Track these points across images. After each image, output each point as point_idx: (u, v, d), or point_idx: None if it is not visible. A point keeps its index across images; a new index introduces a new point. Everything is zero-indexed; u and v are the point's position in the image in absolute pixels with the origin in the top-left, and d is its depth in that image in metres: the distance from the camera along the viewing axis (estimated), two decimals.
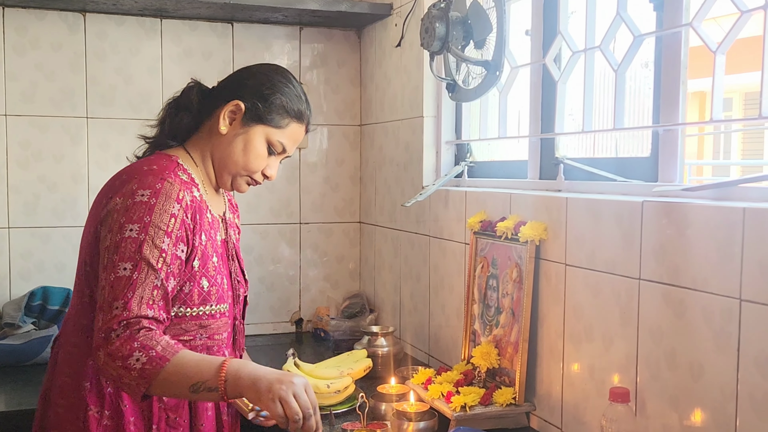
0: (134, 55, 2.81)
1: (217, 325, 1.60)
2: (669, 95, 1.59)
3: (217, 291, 1.57)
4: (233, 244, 1.70)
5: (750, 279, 1.29)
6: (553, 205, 1.84)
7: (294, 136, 1.64)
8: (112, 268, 1.40)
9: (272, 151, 1.62)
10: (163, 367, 1.35)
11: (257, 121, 1.58)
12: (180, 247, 1.48)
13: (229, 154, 1.60)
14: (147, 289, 1.40)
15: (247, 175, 1.63)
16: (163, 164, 1.53)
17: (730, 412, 1.33)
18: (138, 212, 1.43)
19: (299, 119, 1.63)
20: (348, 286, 3.17)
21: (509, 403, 1.87)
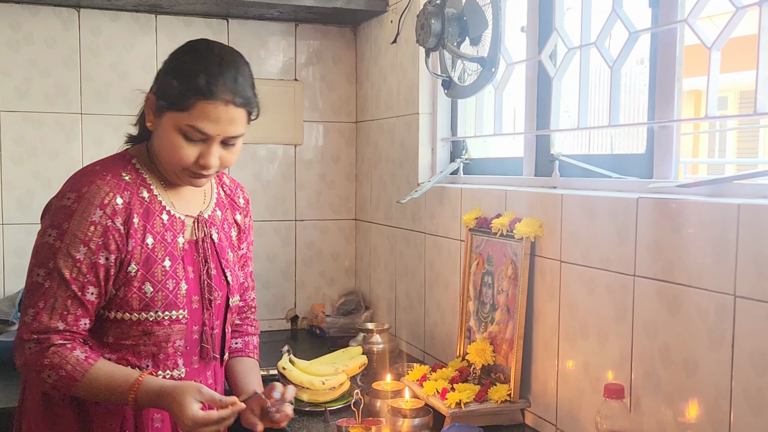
0: (129, 51, 2.80)
1: (166, 332, 1.51)
2: (664, 92, 1.59)
3: (165, 297, 1.49)
4: (209, 244, 1.60)
5: (744, 275, 1.29)
6: (548, 202, 1.84)
7: (207, 115, 1.41)
8: (29, 272, 1.42)
9: (191, 138, 1.44)
10: (74, 386, 1.41)
11: (165, 110, 1.44)
12: (103, 255, 1.43)
13: (157, 149, 1.51)
14: (59, 300, 1.40)
15: (183, 169, 1.49)
16: (108, 164, 1.51)
17: (725, 408, 1.33)
18: (59, 217, 1.42)
19: (207, 96, 1.40)
20: (343, 284, 3.16)
21: (504, 400, 1.87)
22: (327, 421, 1.95)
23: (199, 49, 1.48)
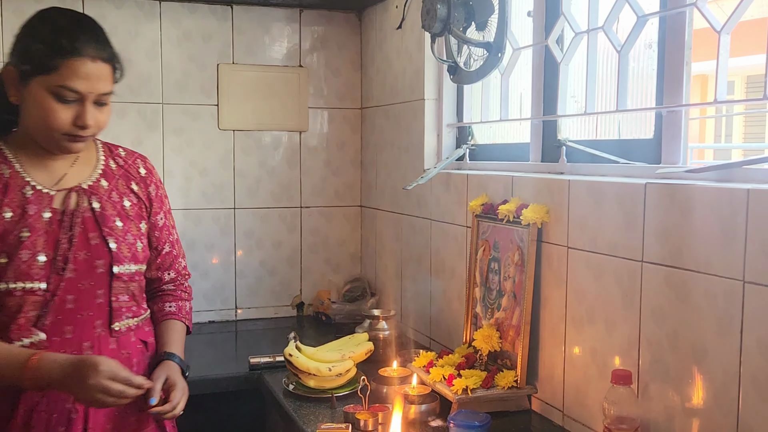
0: (133, 38, 2.79)
1: (17, 303, 1.51)
2: (673, 76, 1.57)
3: (17, 267, 1.49)
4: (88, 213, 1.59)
5: (753, 261, 1.28)
6: (555, 188, 1.83)
7: (78, 72, 1.45)
8: None
9: (64, 99, 1.47)
10: None
11: (30, 75, 1.46)
12: None
13: (29, 120, 1.52)
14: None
15: (62, 134, 1.50)
16: None
17: (733, 394, 1.33)
18: None
19: (72, 53, 1.44)
20: (349, 270, 3.16)
21: (511, 386, 1.87)
22: (334, 407, 1.95)
23: (53, 14, 1.52)
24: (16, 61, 1.49)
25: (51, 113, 1.47)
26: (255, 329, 2.92)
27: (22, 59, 1.48)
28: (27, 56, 1.47)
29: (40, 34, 1.47)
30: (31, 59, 1.46)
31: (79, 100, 1.48)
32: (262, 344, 2.74)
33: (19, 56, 1.49)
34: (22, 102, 1.51)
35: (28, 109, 1.50)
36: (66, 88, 1.45)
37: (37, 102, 1.47)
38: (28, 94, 1.48)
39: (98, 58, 1.48)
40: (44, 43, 1.45)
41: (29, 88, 1.47)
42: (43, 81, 1.45)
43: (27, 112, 1.51)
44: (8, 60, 1.52)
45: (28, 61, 1.46)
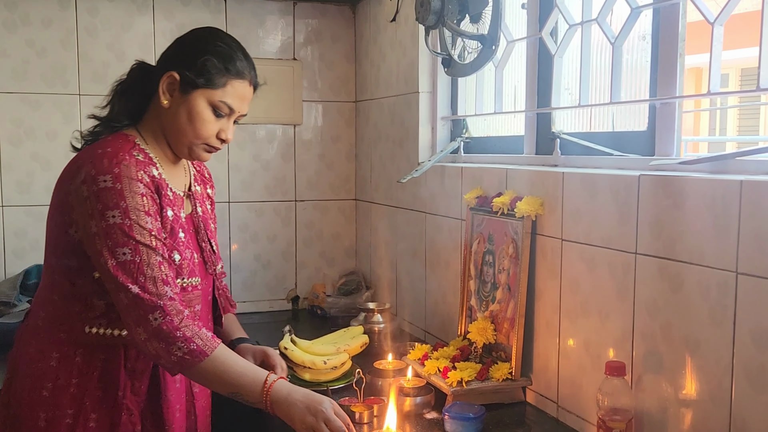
0: (126, 31, 2.78)
1: (189, 298, 1.62)
2: (666, 68, 1.58)
3: (188, 264, 1.60)
4: (200, 218, 1.72)
5: (746, 252, 1.28)
6: (549, 180, 1.83)
7: (238, 93, 1.60)
8: (111, 254, 1.45)
9: (219, 113, 1.59)
10: (199, 362, 1.46)
11: (194, 87, 1.56)
12: (159, 222, 1.53)
13: (176, 125, 1.58)
14: (155, 268, 1.47)
15: (202, 143, 1.61)
16: (118, 145, 1.53)
17: (726, 385, 1.33)
18: (111, 198, 1.46)
19: (238, 76, 1.59)
20: (344, 264, 3.17)
21: (505, 378, 1.87)
22: None
23: (222, 35, 1.64)
24: (183, 71, 1.56)
25: (205, 123, 1.58)
26: (250, 323, 2.91)
27: (194, 71, 1.55)
28: (200, 70, 1.55)
29: (215, 53, 1.57)
30: (204, 74, 1.55)
31: (227, 116, 1.61)
32: (258, 338, 2.71)
33: (189, 67, 1.56)
34: (173, 107, 1.58)
35: (177, 115, 1.57)
36: (225, 104, 1.58)
37: (194, 111, 1.56)
38: (184, 102, 1.56)
39: (253, 84, 1.64)
40: (220, 61, 1.56)
41: (189, 97, 1.56)
42: (206, 94, 1.56)
43: (175, 117, 1.58)
44: (168, 66, 1.58)
45: (200, 75, 1.55)
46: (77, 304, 1.54)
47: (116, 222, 1.45)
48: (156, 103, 1.61)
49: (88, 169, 1.48)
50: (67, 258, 1.54)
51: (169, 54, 1.64)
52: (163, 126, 1.61)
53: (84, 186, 1.48)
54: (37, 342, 1.58)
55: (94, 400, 1.55)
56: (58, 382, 1.54)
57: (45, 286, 1.62)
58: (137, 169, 1.51)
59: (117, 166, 1.48)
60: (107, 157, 1.50)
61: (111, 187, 1.46)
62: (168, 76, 1.57)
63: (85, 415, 1.54)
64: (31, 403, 1.55)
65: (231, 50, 1.60)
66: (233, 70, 1.58)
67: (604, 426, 1.51)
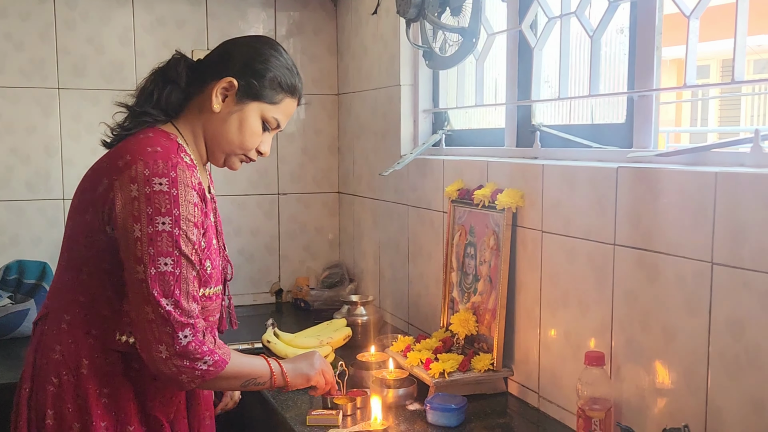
0: (105, 24, 2.76)
1: (213, 307, 1.58)
2: (643, 61, 1.59)
3: (216, 273, 1.55)
4: (218, 222, 1.64)
5: (721, 242, 1.30)
6: (529, 173, 1.84)
7: (287, 110, 1.59)
8: (150, 262, 1.38)
9: (267, 127, 1.57)
10: (221, 372, 1.44)
11: (252, 98, 1.52)
12: (201, 232, 1.47)
13: (223, 132, 1.53)
14: (190, 283, 1.42)
15: (242, 153, 1.57)
16: (166, 145, 1.45)
17: (702, 373, 1.36)
18: (164, 203, 1.39)
19: (292, 93, 1.58)
20: (327, 257, 3.17)
21: (487, 369, 1.89)
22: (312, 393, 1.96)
23: (281, 48, 1.60)
24: (247, 79, 1.52)
25: (253, 136, 1.55)
26: None
27: (260, 83, 1.52)
28: (264, 83, 1.52)
29: (280, 69, 1.54)
30: (266, 88, 1.53)
31: (271, 130, 1.59)
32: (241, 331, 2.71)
33: (254, 78, 1.52)
34: (223, 113, 1.53)
35: (228, 122, 1.53)
36: (276, 120, 1.57)
37: (246, 122, 1.53)
38: (238, 111, 1.52)
39: (299, 102, 1.63)
40: (280, 78, 1.54)
41: (244, 107, 1.52)
42: (262, 107, 1.54)
43: (224, 124, 1.53)
44: (232, 72, 1.52)
45: (263, 88, 1.52)
46: (107, 308, 1.46)
47: (165, 229, 1.38)
48: (199, 103, 1.54)
49: (141, 168, 1.39)
50: (100, 257, 1.45)
51: (225, 57, 1.56)
52: (205, 130, 1.54)
53: (134, 185, 1.39)
54: (63, 347, 1.47)
55: (126, 412, 1.47)
56: (89, 391, 1.45)
57: (65, 287, 1.51)
58: (191, 174, 1.43)
59: (173, 169, 1.40)
60: (161, 157, 1.41)
61: (167, 192, 1.39)
62: (227, 82, 1.51)
63: (119, 427, 1.47)
64: (63, 414, 1.45)
65: (291, 68, 1.58)
66: (290, 88, 1.56)
67: (583, 415, 1.53)
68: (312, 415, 1.75)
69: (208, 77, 1.53)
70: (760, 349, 1.24)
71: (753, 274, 1.25)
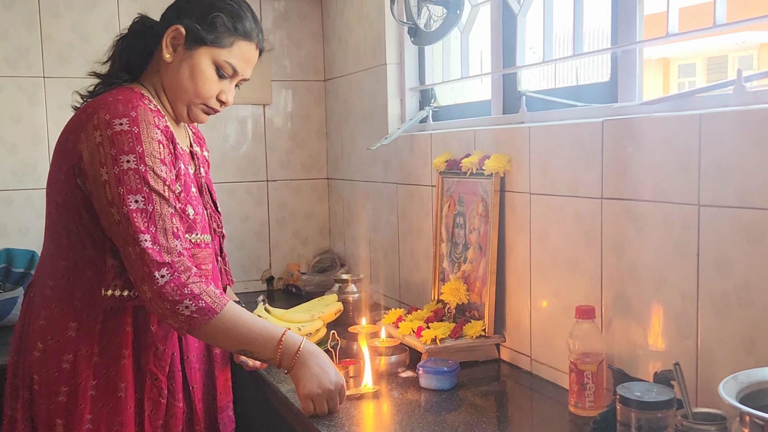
0: (90, 11, 2.75)
1: (203, 255, 1.56)
2: (626, 16, 1.59)
3: (201, 220, 1.54)
4: (203, 178, 1.66)
5: (707, 184, 1.30)
6: (516, 137, 1.85)
7: (244, 55, 1.54)
8: (121, 202, 1.36)
9: (222, 74, 1.54)
10: (210, 320, 1.39)
11: (200, 43, 1.50)
12: (173, 172, 1.45)
13: (177, 81, 1.52)
14: (167, 220, 1.39)
15: (201, 103, 1.55)
16: (127, 94, 1.46)
17: (692, 315, 1.35)
18: (127, 142, 1.37)
19: (246, 37, 1.54)
20: (318, 243, 3.16)
21: (479, 336, 1.88)
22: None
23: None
24: (190, 25, 1.49)
25: (207, 83, 1.51)
26: None
27: (203, 27, 1.49)
28: (209, 26, 1.50)
29: (225, 10, 1.51)
30: (212, 31, 1.49)
31: (230, 77, 1.54)
32: None
33: (198, 22, 1.49)
34: (175, 62, 1.51)
35: (180, 71, 1.51)
36: (230, 64, 1.52)
37: (197, 68, 1.50)
38: (188, 58, 1.50)
39: (259, 48, 1.58)
40: (230, 19, 1.50)
41: (193, 54, 1.50)
42: (212, 52, 1.50)
43: (177, 73, 1.51)
44: (174, 20, 1.51)
45: (208, 31, 1.49)
46: (90, 268, 1.45)
47: (130, 167, 1.37)
48: (158, 58, 1.54)
49: (102, 114, 1.39)
50: (79, 215, 1.44)
51: (175, 7, 1.56)
52: (163, 82, 1.54)
53: (97, 131, 1.38)
54: (48, 312, 1.47)
55: (119, 369, 1.46)
56: (79, 353, 1.44)
57: (49, 254, 1.52)
58: (154, 114, 1.43)
59: (134, 109, 1.40)
60: (121, 102, 1.41)
61: (128, 130, 1.38)
62: (173, 30, 1.50)
63: (111, 385, 1.45)
64: (49, 379, 1.44)
65: (241, 10, 1.54)
66: (242, 31, 1.52)
67: (575, 369, 1.53)
68: None
69: (162, 31, 1.53)
70: (748, 286, 1.24)
71: (738, 210, 1.25)
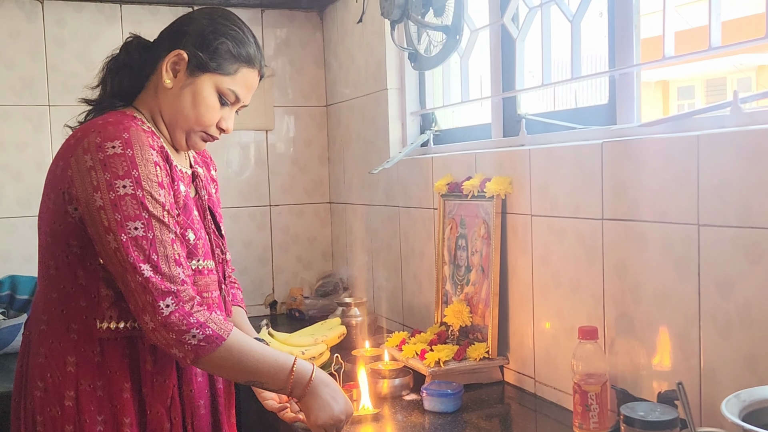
0: (94, 41, 2.79)
1: (206, 282, 1.49)
2: (623, 40, 1.62)
3: (203, 245, 1.48)
4: (204, 201, 1.57)
5: (706, 203, 1.32)
6: (516, 159, 1.86)
7: (246, 82, 1.50)
8: (119, 229, 1.31)
9: (224, 101, 1.48)
10: (218, 347, 1.34)
11: (203, 70, 1.44)
12: (171, 195, 1.40)
13: (178, 108, 1.46)
14: (168, 247, 1.34)
15: (201, 131, 1.49)
16: (118, 117, 1.39)
17: (694, 336, 1.36)
18: (121, 166, 1.32)
19: (249, 63, 1.49)
20: (321, 267, 3.17)
21: (483, 358, 1.89)
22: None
23: (236, 19, 1.52)
24: (193, 51, 1.44)
25: (209, 110, 1.47)
26: None
27: (207, 53, 1.44)
28: (213, 52, 1.44)
29: (229, 36, 1.46)
30: (217, 57, 1.44)
31: (231, 104, 1.50)
32: None
33: (201, 48, 1.44)
34: (175, 89, 1.45)
35: (181, 97, 1.45)
36: (233, 92, 1.47)
37: (200, 96, 1.45)
38: (191, 85, 1.45)
39: (260, 74, 1.53)
40: (234, 45, 1.46)
41: (196, 80, 1.45)
42: (215, 79, 1.45)
43: (177, 99, 1.46)
44: (175, 44, 1.45)
45: (213, 58, 1.44)
46: (83, 298, 1.39)
47: (127, 192, 1.31)
48: (155, 82, 1.47)
49: (92, 137, 1.33)
50: (67, 244, 1.38)
51: (176, 31, 1.49)
52: (161, 108, 1.47)
53: (87, 155, 1.32)
54: (46, 349, 1.41)
55: (122, 403, 1.41)
56: (81, 388, 1.39)
57: (41, 289, 1.46)
58: (146, 136, 1.36)
59: (126, 130, 1.34)
60: (111, 125, 1.35)
61: (121, 153, 1.31)
62: (175, 54, 1.43)
63: (118, 419, 1.41)
64: (53, 420, 1.40)
65: (245, 35, 1.49)
66: (245, 57, 1.47)
67: (579, 390, 1.53)
68: None
69: (160, 53, 1.47)
70: (749, 305, 1.25)
71: (738, 230, 1.26)
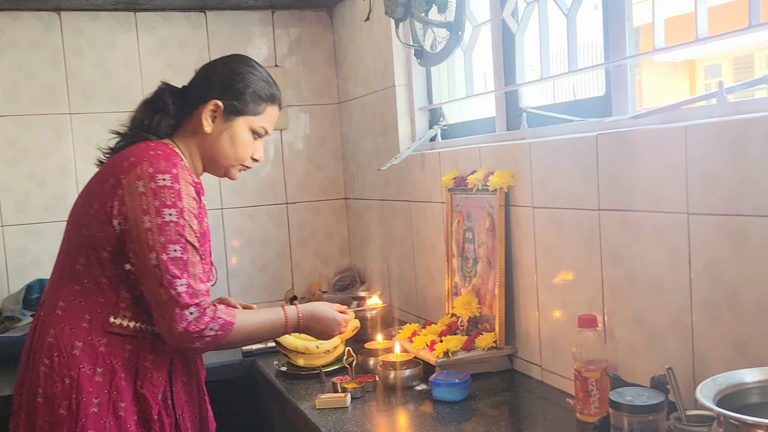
0: (111, 49, 2.88)
1: None
2: (616, 32, 1.65)
3: (206, 270, 1.67)
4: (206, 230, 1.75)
5: (694, 192, 1.35)
6: (518, 153, 1.90)
7: (272, 117, 1.77)
8: (162, 249, 1.53)
9: (256, 136, 1.75)
10: (230, 331, 1.59)
11: (237, 114, 1.70)
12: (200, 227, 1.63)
13: (218, 149, 1.71)
14: (197, 267, 1.58)
15: (239, 164, 1.75)
16: (166, 150, 1.61)
17: (687, 321, 1.39)
18: (169, 197, 1.55)
19: (273, 101, 1.76)
20: (338, 262, 3.23)
21: (490, 347, 1.93)
22: (323, 381, 2.01)
23: (254, 63, 1.78)
24: (227, 100, 1.69)
25: (246, 147, 1.74)
26: None
27: (240, 101, 1.70)
28: (245, 99, 1.71)
29: (253, 81, 1.73)
30: (248, 102, 1.71)
31: (261, 137, 1.77)
32: None
33: (234, 96, 1.70)
34: (215, 133, 1.70)
35: (220, 140, 1.71)
36: (263, 128, 1.76)
37: (237, 137, 1.72)
38: (227, 128, 1.71)
39: (280, 107, 1.81)
40: (259, 91, 1.73)
41: (232, 124, 1.71)
42: (248, 120, 1.72)
43: (217, 142, 1.71)
44: (209, 95, 1.69)
45: (245, 104, 1.71)
46: (102, 295, 1.58)
47: (172, 220, 1.54)
48: (192, 126, 1.70)
49: (145, 166, 1.55)
50: (102, 248, 1.57)
51: (206, 82, 1.73)
52: (201, 149, 1.72)
53: (140, 181, 1.54)
54: (57, 331, 1.57)
55: (119, 390, 1.57)
56: (82, 370, 1.55)
57: (63, 277, 1.63)
58: (188, 172, 1.61)
59: (174, 167, 1.57)
60: (163, 158, 1.58)
61: (170, 186, 1.55)
62: (212, 104, 1.68)
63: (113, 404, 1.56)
64: (53, 393, 1.55)
65: (268, 77, 1.76)
66: (270, 97, 1.75)
67: (580, 377, 1.57)
68: (321, 399, 1.81)
69: (194, 102, 1.71)
70: (737, 291, 1.28)
71: (725, 218, 1.29)
